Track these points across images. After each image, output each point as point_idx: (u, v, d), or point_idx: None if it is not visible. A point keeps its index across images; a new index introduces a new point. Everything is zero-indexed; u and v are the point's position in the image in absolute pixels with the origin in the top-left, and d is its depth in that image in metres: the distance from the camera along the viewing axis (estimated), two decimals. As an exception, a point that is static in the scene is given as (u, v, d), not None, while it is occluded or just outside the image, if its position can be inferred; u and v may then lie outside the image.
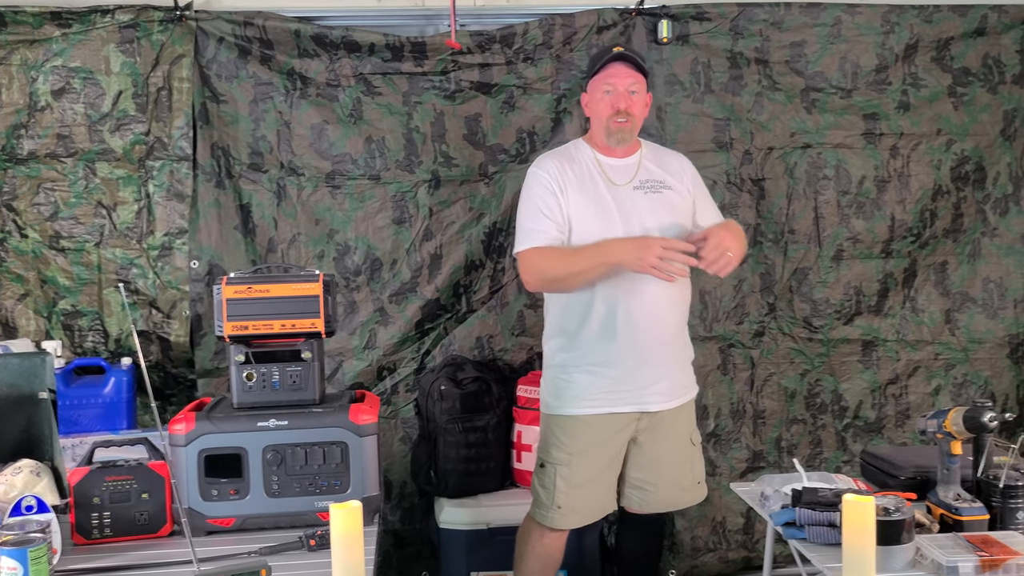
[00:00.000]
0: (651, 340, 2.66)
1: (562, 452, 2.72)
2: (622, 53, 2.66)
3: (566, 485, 2.71)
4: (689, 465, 2.84)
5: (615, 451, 2.75)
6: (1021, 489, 2.19)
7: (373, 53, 3.46)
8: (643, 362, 2.67)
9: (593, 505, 2.77)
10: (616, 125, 2.66)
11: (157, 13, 3.36)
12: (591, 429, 2.70)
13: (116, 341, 3.42)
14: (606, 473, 2.76)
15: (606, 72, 2.67)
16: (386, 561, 3.53)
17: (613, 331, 2.65)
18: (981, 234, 3.74)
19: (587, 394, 2.69)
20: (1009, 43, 3.70)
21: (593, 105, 2.73)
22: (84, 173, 3.39)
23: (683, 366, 2.80)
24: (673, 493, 2.84)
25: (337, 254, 3.51)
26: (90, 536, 2.14)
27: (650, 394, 2.70)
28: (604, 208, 2.66)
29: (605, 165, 2.73)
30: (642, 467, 2.79)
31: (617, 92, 2.66)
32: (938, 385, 3.73)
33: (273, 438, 2.23)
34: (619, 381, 2.67)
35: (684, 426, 2.82)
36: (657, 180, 2.72)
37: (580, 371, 2.70)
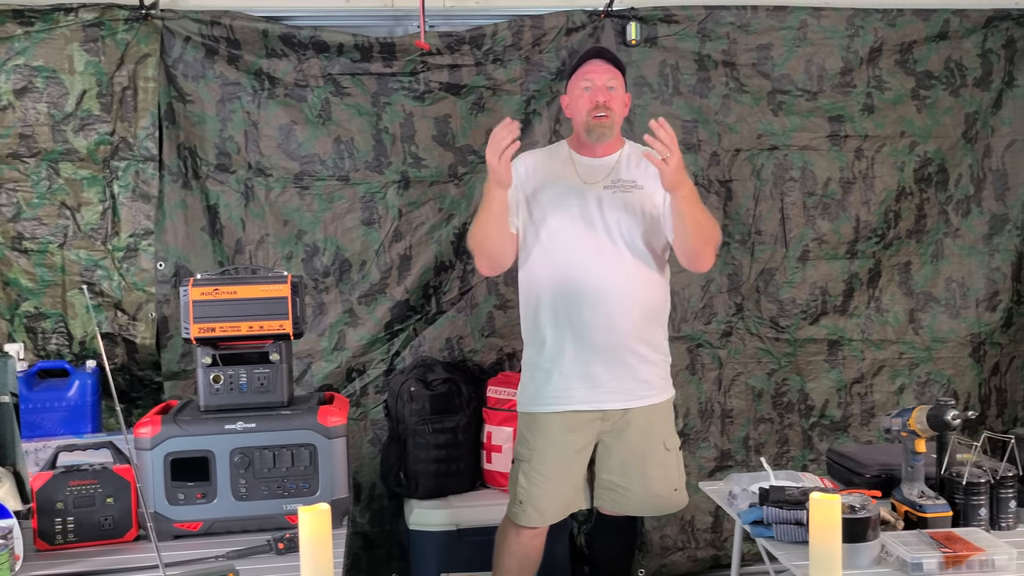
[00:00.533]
0: (608, 339, 2.66)
1: (525, 448, 2.76)
2: (599, 49, 2.70)
3: (527, 481, 2.73)
4: (663, 471, 2.80)
5: (575, 450, 2.74)
6: (983, 486, 2.23)
7: (342, 53, 3.44)
8: (599, 361, 2.67)
9: (555, 503, 2.76)
10: (596, 120, 2.66)
11: (122, 12, 3.32)
12: (550, 426, 2.72)
13: (80, 344, 3.38)
14: (568, 472, 2.75)
15: (583, 69, 2.68)
16: (355, 563, 3.51)
17: (568, 329, 2.67)
18: (944, 235, 3.80)
19: (545, 391, 2.72)
20: (970, 47, 3.76)
21: (573, 103, 2.73)
22: (47, 173, 3.34)
23: (648, 367, 2.75)
24: (647, 498, 2.81)
25: (306, 255, 3.49)
26: (53, 542, 2.11)
27: (607, 393, 2.69)
28: (566, 205, 2.68)
29: (579, 164, 2.74)
30: (611, 469, 2.78)
31: (595, 87, 2.66)
32: (902, 384, 3.78)
33: (241, 441, 2.21)
34: (574, 379, 2.68)
35: (655, 429, 2.79)
36: (629, 181, 2.71)
37: (540, 368, 2.74)
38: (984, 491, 2.23)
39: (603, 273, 2.65)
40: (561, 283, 2.67)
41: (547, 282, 2.70)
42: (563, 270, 2.67)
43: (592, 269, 2.65)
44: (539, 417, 2.74)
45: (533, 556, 2.83)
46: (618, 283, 2.66)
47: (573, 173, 2.73)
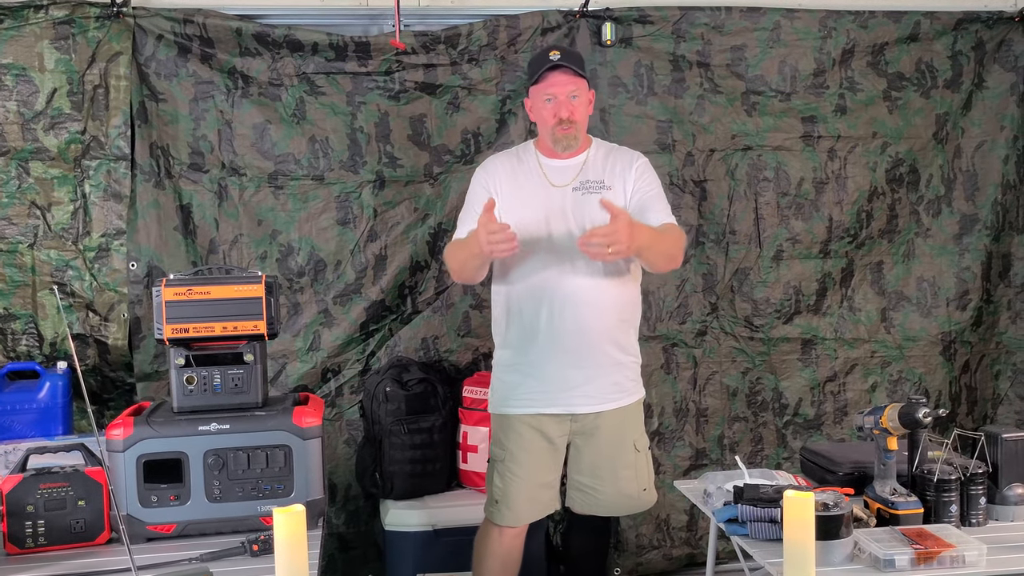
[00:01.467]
0: (577, 342, 2.65)
1: (499, 448, 2.77)
2: (558, 63, 2.65)
3: (502, 481, 2.74)
4: (633, 472, 2.80)
5: (549, 452, 2.75)
6: (954, 483, 2.26)
7: (316, 52, 3.43)
8: (568, 364, 2.67)
9: (529, 504, 2.76)
10: (560, 133, 2.67)
11: (93, 9, 3.28)
12: (521, 428, 2.72)
13: (51, 345, 3.34)
14: (541, 473, 2.75)
15: (545, 82, 2.67)
16: (331, 565, 3.49)
17: (537, 332, 2.67)
18: (915, 235, 3.84)
19: (515, 394, 2.73)
20: (941, 49, 3.80)
21: (536, 112, 2.74)
22: (17, 172, 3.30)
23: (618, 370, 2.74)
24: (618, 499, 2.82)
25: (280, 255, 3.47)
26: (24, 545, 2.09)
27: (577, 396, 2.69)
28: (535, 208, 2.69)
29: (547, 167, 2.74)
30: (581, 470, 2.79)
31: (558, 101, 2.66)
32: (875, 382, 3.82)
33: (215, 442, 2.20)
34: (544, 382, 2.69)
35: (626, 431, 2.78)
36: (597, 181, 2.71)
37: (511, 371, 2.75)
38: (955, 488, 2.26)
39: (574, 275, 2.65)
40: (533, 286, 2.67)
41: (519, 285, 2.70)
42: (535, 273, 2.67)
43: (563, 272, 2.65)
44: (511, 419, 2.74)
45: (514, 556, 2.83)
46: (589, 285, 2.65)
47: (541, 176, 2.73)
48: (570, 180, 2.72)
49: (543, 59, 2.68)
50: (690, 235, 3.67)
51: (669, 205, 2.79)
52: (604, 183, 2.71)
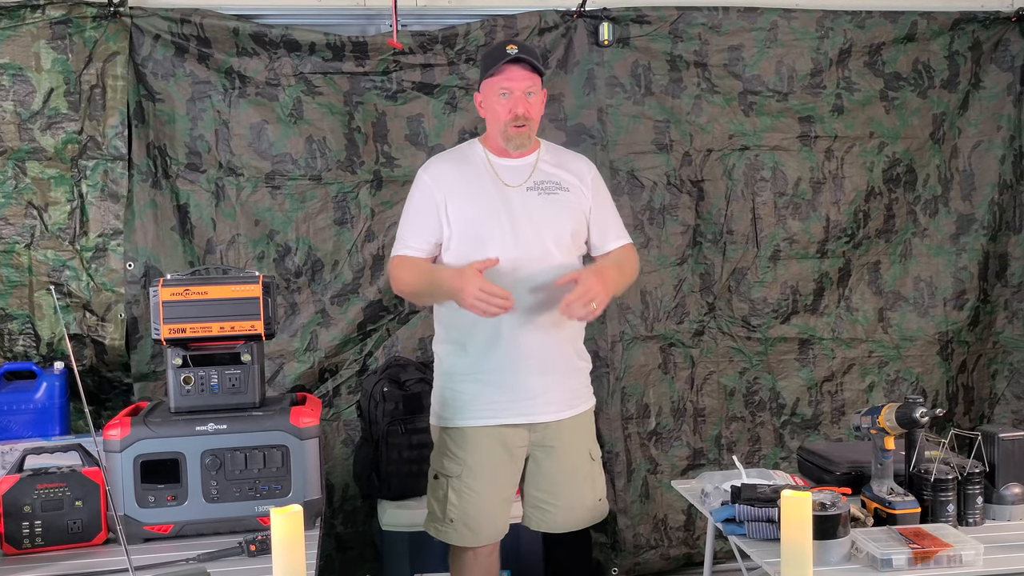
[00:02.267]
0: (540, 347, 2.55)
1: (455, 464, 2.60)
2: (518, 55, 2.53)
3: (458, 498, 2.59)
4: (590, 482, 2.70)
5: (511, 465, 2.62)
6: (951, 483, 2.26)
7: (314, 52, 3.43)
8: (531, 370, 2.56)
9: (489, 521, 2.62)
10: (514, 131, 2.55)
11: (90, 9, 3.28)
12: (484, 441, 2.58)
13: (48, 345, 3.33)
14: (503, 488, 2.62)
15: (502, 75, 2.54)
16: (328, 565, 3.49)
17: (499, 337, 2.54)
18: (912, 234, 3.85)
19: (476, 404, 2.58)
20: (937, 49, 3.81)
21: (489, 107, 2.60)
22: (14, 172, 3.29)
23: (576, 375, 2.67)
24: (574, 512, 2.68)
25: (277, 255, 3.46)
26: (21, 546, 2.09)
27: (541, 404, 2.58)
28: (493, 210, 2.56)
29: (498, 166, 2.62)
30: (540, 486, 2.65)
31: (514, 96, 2.54)
32: (872, 382, 3.82)
33: (212, 442, 2.19)
34: (507, 390, 2.56)
35: (582, 441, 2.69)
36: (553, 181, 2.61)
37: (469, 380, 2.59)
38: (952, 487, 2.26)
39: (533, 279, 2.54)
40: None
41: None
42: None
43: (522, 275, 2.53)
44: (468, 432, 2.59)
45: (494, 569, 2.72)
46: (549, 289, 2.53)
47: (492, 175, 2.60)
48: (523, 180, 2.60)
49: (500, 52, 2.56)
50: (687, 235, 3.68)
51: (620, 218, 2.75)
52: (560, 184, 2.62)
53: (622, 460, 3.61)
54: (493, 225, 2.55)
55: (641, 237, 3.62)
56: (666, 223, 3.66)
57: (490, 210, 2.56)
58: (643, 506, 3.66)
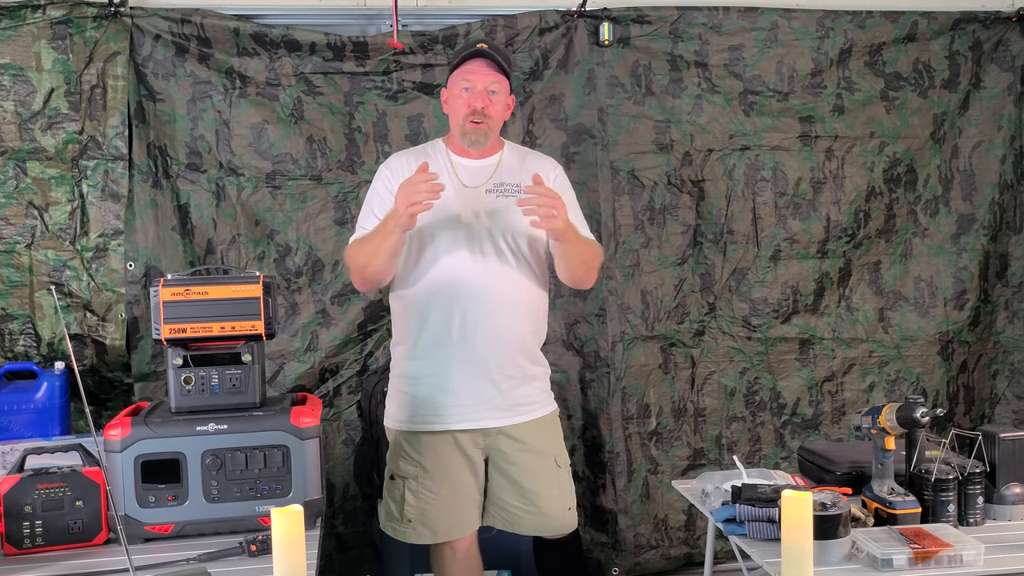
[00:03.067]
0: (490, 351, 2.51)
1: (410, 465, 2.57)
2: (484, 50, 2.50)
3: (415, 499, 2.56)
4: (556, 490, 2.64)
5: (467, 467, 2.57)
6: (952, 483, 2.26)
7: (314, 52, 3.43)
8: (480, 375, 2.52)
9: (448, 520, 2.58)
10: (471, 126, 2.49)
11: (91, 9, 3.28)
12: (438, 444, 2.54)
13: (49, 345, 3.33)
14: (461, 489, 2.57)
15: (466, 68, 2.50)
16: (329, 565, 3.49)
17: (449, 341, 2.50)
18: (912, 234, 3.84)
19: (427, 408, 2.54)
20: (938, 49, 3.81)
21: (451, 101, 2.56)
22: (14, 172, 3.29)
23: (529, 381, 2.60)
24: (540, 519, 2.63)
25: (278, 255, 3.47)
26: (21, 546, 2.09)
27: (491, 408, 2.54)
28: (449, 210, 2.49)
29: (458, 165, 2.57)
30: (502, 488, 2.61)
31: (475, 91, 2.49)
32: (872, 382, 3.82)
33: (212, 442, 2.20)
34: (457, 395, 2.52)
35: (545, 447, 2.64)
36: (513, 184, 2.55)
37: (419, 384, 2.56)
38: (952, 487, 2.26)
39: (488, 282, 2.50)
40: (443, 292, 2.50)
41: (428, 291, 2.52)
42: (445, 278, 2.49)
43: (475, 278, 2.49)
44: (423, 436, 2.55)
45: (475, 565, 2.70)
46: (503, 293, 2.51)
47: (452, 175, 2.55)
48: (483, 181, 2.56)
49: (467, 47, 2.56)
50: (688, 235, 3.68)
51: (584, 220, 2.67)
52: (520, 186, 2.52)
53: (623, 460, 3.61)
54: (443, 223, 2.49)
55: (641, 237, 3.62)
56: (666, 223, 3.66)
57: (443, 210, 2.47)
58: (644, 506, 3.66)
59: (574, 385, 3.61)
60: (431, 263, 2.51)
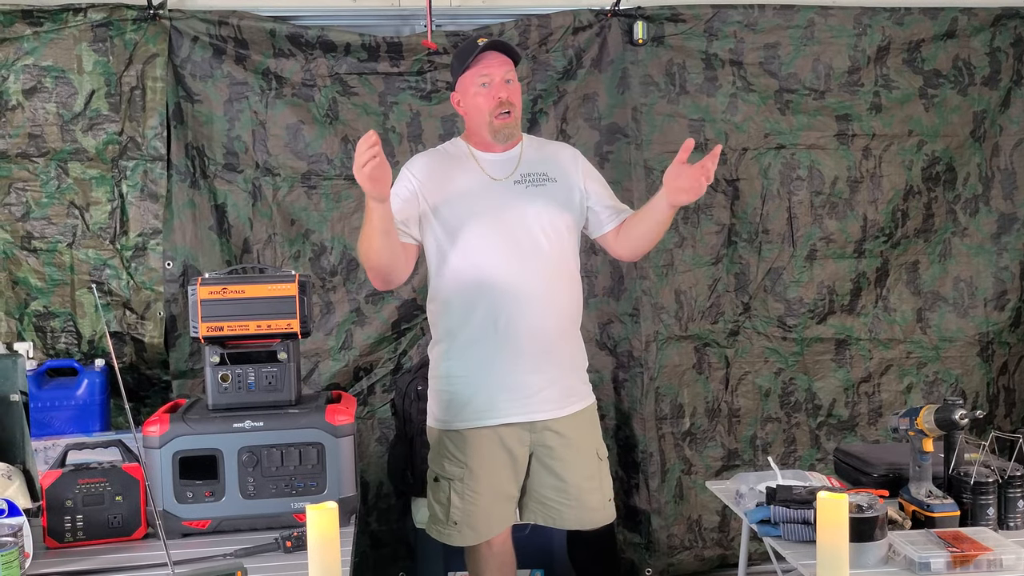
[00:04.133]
0: (535, 344, 2.50)
1: (455, 466, 2.56)
2: (493, 41, 2.51)
3: (461, 500, 2.55)
4: (597, 482, 2.64)
5: (512, 464, 2.57)
6: (991, 486, 2.22)
7: (349, 53, 3.45)
8: (527, 368, 2.50)
9: (490, 521, 2.59)
10: (500, 121, 2.50)
11: (130, 12, 3.33)
12: (483, 442, 2.53)
13: (89, 343, 3.39)
14: (504, 487, 2.58)
15: (479, 64, 2.49)
16: (363, 562, 3.52)
17: (490, 337, 2.49)
18: (952, 234, 3.79)
19: (473, 405, 2.53)
20: (978, 45, 3.75)
21: (469, 101, 2.54)
22: (56, 173, 3.35)
23: (573, 372, 2.62)
24: (581, 512, 2.63)
25: (313, 254, 3.49)
26: (63, 539, 2.12)
27: (538, 402, 2.52)
28: (476, 203, 2.51)
29: (483, 160, 2.57)
30: (544, 483, 2.60)
31: (495, 83, 2.49)
32: (910, 383, 3.77)
33: (249, 439, 2.22)
34: (503, 389, 2.51)
35: (587, 439, 2.64)
36: (539, 173, 2.57)
37: (464, 381, 2.54)
38: (992, 491, 2.23)
39: (525, 273, 2.49)
40: (484, 288, 2.48)
41: (465, 289, 2.51)
42: (484, 274, 2.48)
43: (513, 270, 2.48)
44: (468, 434, 2.54)
45: (509, 559, 2.72)
46: (540, 284, 2.50)
47: (478, 170, 2.55)
48: (510, 173, 2.56)
49: (471, 45, 2.54)
50: (722, 234, 3.66)
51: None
52: (547, 175, 2.57)
53: (656, 460, 3.60)
54: (477, 218, 2.50)
55: (675, 236, 3.61)
56: (701, 222, 3.64)
57: (473, 203, 2.50)
58: (677, 507, 3.65)
59: (607, 385, 3.60)
60: (465, 259, 2.51)
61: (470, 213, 2.50)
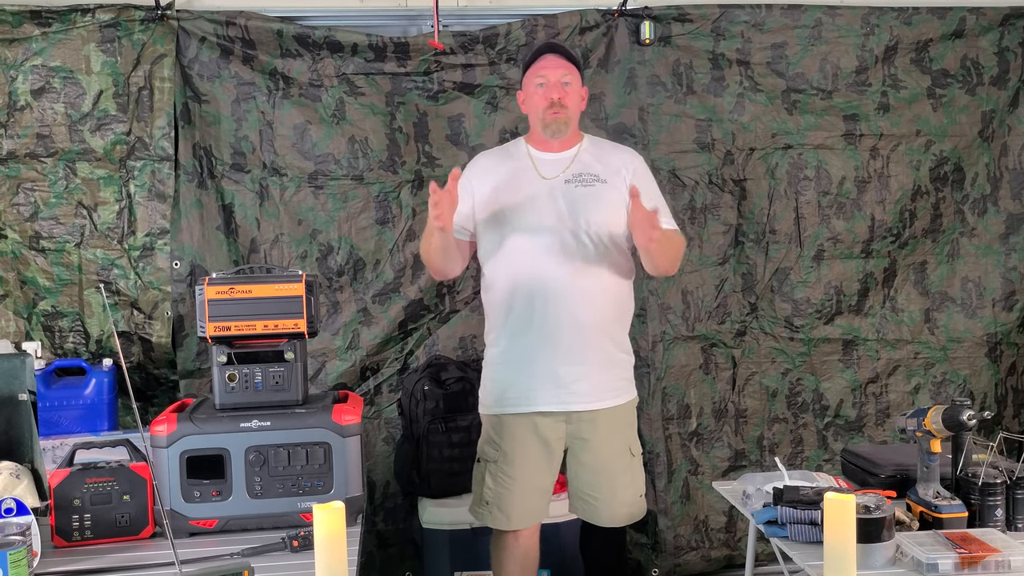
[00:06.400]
0: (570, 336, 2.60)
1: (492, 449, 2.71)
2: (552, 44, 2.67)
3: (494, 483, 2.69)
4: (629, 477, 2.74)
5: (544, 454, 2.68)
6: (999, 487, 2.22)
7: (356, 53, 3.45)
8: (561, 359, 2.61)
9: (521, 508, 2.70)
10: (551, 116, 2.63)
11: (138, 12, 3.34)
12: (516, 429, 2.66)
13: (97, 342, 3.40)
14: (537, 477, 2.69)
15: (538, 65, 2.66)
16: (369, 561, 3.52)
17: (529, 325, 2.62)
18: (960, 234, 3.78)
19: (509, 392, 2.67)
20: (986, 45, 3.74)
21: (528, 100, 2.70)
22: (64, 173, 3.36)
23: (610, 368, 2.69)
24: (615, 507, 2.74)
25: (320, 254, 3.50)
26: (71, 538, 2.13)
27: (572, 393, 2.63)
28: (530, 201, 2.64)
29: (537, 159, 2.70)
30: (580, 477, 2.73)
31: (550, 83, 2.63)
32: (918, 384, 3.77)
33: (256, 439, 2.22)
34: (539, 377, 2.62)
35: (620, 435, 2.73)
36: (591, 174, 2.67)
37: (503, 368, 2.69)
38: (1000, 492, 2.22)
39: (567, 269, 2.60)
40: (525, 281, 2.61)
41: (511, 281, 2.64)
42: (527, 267, 2.61)
43: (556, 265, 2.60)
44: (505, 419, 2.68)
45: (532, 555, 2.79)
46: (583, 279, 2.60)
47: (531, 168, 2.69)
48: (561, 172, 2.67)
49: (536, 47, 2.72)
50: (729, 234, 3.65)
51: (668, 208, 2.76)
52: (598, 177, 2.67)
53: (663, 461, 3.60)
54: (525, 215, 2.63)
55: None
56: (708, 222, 3.64)
57: (523, 201, 2.64)
58: (684, 507, 3.65)
59: (614, 385, 3.60)
60: (512, 253, 2.64)
61: (517, 209, 2.64)
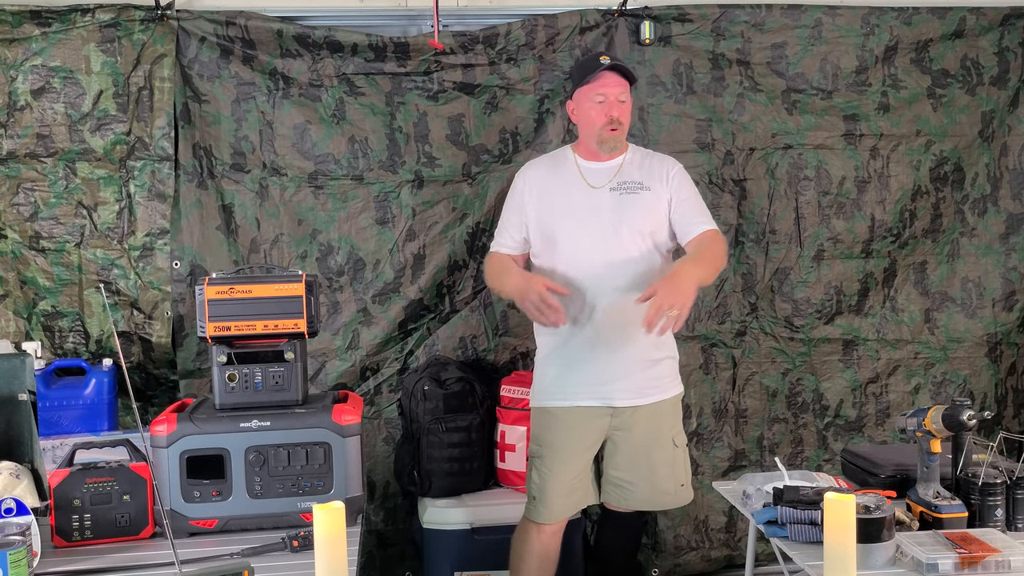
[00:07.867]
0: (617, 335, 2.71)
1: (537, 445, 2.82)
2: (615, 64, 2.75)
3: (539, 478, 2.79)
4: (670, 468, 2.84)
5: (586, 445, 2.80)
6: (999, 487, 2.22)
7: (356, 53, 3.45)
8: (608, 357, 2.73)
9: (563, 499, 2.80)
10: (609, 134, 2.74)
11: (138, 12, 3.34)
12: (559, 422, 2.78)
13: (97, 342, 3.40)
14: (575, 467, 2.80)
15: (598, 82, 2.74)
16: (369, 562, 3.52)
17: (579, 323, 2.73)
18: (960, 234, 3.78)
19: (555, 386, 2.79)
20: (987, 45, 3.74)
21: (583, 113, 2.79)
22: (64, 173, 3.36)
23: (655, 364, 2.80)
24: (653, 494, 2.86)
25: (320, 254, 3.50)
26: (70, 538, 2.13)
27: (615, 390, 2.75)
28: (578, 210, 2.76)
29: (585, 169, 2.82)
30: (618, 465, 2.83)
31: (609, 101, 2.74)
32: (918, 384, 3.76)
33: (256, 439, 2.22)
34: (584, 374, 2.74)
35: (664, 426, 2.84)
36: (635, 182, 2.79)
37: (550, 364, 2.81)
38: (1000, 492, 2.22)
39: (613, 271, 2.71)
40: (570, 284, 2.72)
41: (560, 283, 2.71)
42: (574, 269, 2.74)
43: (602, 267, 2.72)
44: (550, 411, 2.80)
45: (552, 555, 2.86)
46: (624, 281, 2.71)
47: (579, 177, 2.80)
48: (607, 181, 2.79)
49: (594, 62, 2.76)
50: (729, 234, 3.65)
51: (707, 208, 2.85)
52: (642, 184, 2.79)
53: (662, 461, 3.59)
54: (574, 221, 2.75)
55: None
56: (708, 222, 3.63)
57: (572, 208, 2.76)
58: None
59: (614, 385, 3.60)
60: (560, 257, 2.76)
61: (567, 216, 2.76)
